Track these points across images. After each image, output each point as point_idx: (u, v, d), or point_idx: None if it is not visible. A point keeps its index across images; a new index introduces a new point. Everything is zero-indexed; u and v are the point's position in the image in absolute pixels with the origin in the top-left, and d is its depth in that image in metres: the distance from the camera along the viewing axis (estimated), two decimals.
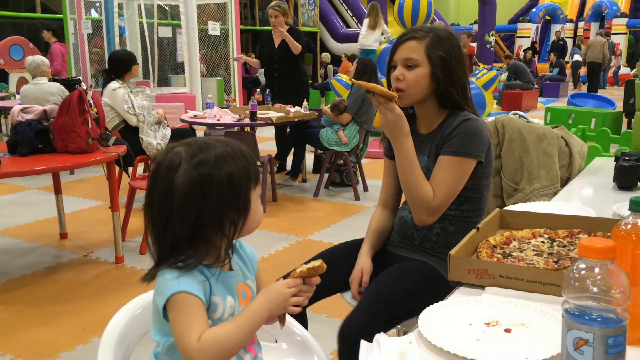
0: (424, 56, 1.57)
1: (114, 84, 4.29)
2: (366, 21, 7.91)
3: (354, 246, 1.76)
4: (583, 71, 15.80)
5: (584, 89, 14.95)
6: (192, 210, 0.99)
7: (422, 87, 1.58)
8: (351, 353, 1.37)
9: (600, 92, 12.68)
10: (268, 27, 6.19)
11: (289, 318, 1.35)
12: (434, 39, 1.58)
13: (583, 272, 0.77)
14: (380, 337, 0.97)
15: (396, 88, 1.59)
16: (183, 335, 0.96)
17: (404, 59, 1.59)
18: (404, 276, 1.58)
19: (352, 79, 4.54)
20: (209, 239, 1.02)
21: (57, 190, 3.79)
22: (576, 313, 0.77)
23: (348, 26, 16.46)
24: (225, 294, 1.05)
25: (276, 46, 5.49)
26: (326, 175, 5.18)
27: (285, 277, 1.21)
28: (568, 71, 15.55)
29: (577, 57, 15.73)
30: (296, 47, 5.35)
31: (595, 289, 0.76)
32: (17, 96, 6.43)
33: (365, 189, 5.14)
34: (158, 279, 1.01)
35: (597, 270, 0.77)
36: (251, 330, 1.03)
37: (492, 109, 8.10)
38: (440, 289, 1.50)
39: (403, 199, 1.77)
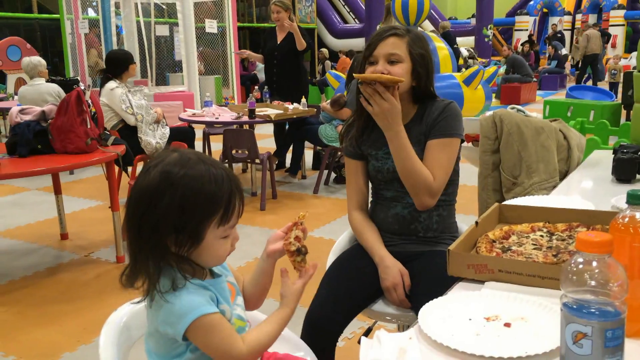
0: (406, 52, 1.62)
1: (111, 84, 4.28)
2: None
3: (355, 258, 1.71)
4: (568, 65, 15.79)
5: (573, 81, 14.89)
6: (136, 213, 0.99)
7: (405, 82, 1.62)
8: None
9: (602, 83, 12.70)
10: (265, 24, 6.18)
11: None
12: (414, 37, 1.65)
13: (581, 266, 0.78)
14: (380, 333, 0.97)
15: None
16: (228, 349, 1.01)
17: (387, 54, 1.61)
18: (442, 270, 1.53)
19: (354, 74, 4.55)
20: (174, 258, 1.01)
21: (57, 190, 3.80)
22: (574, 307, 0.77)
23: (345, 22, 16.44)
24: (227, 298, 1.09)
25: (278, 42, 5.48)
26: (325, 172, 5.18)
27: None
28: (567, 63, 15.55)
29: (564, 52, 15.73)
30: (302, 43, 5.34)
31: (593, 283, 0.76)
32: (16, 97, 6.43)
33: None
34: (164, 309, 0.99)
35: (594, 263, 0.77)
36: (282, 330, 1.11)
37: (476, 104, 7.91)
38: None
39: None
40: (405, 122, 1.67)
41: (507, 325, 1.03)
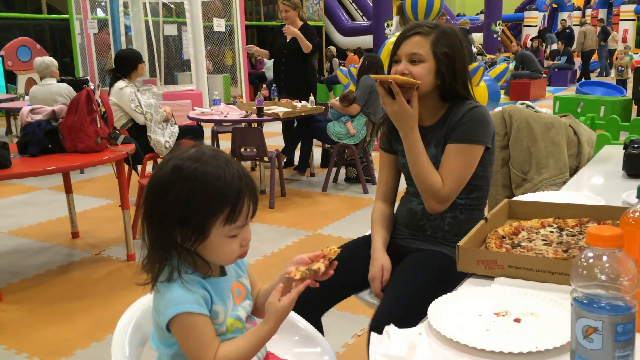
0: (430, 52, 1.58)
1: (120, 83, 4.31)
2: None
3: (362, 245, 1.75)
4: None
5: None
6: (148, 203, 1.02)
7: (427, 82, 1.58)
8: None
9: (606, 79, 12.61)
10: (273, 22, 6.19)
11: (294, 315, 1.38)
12: (439, 35, 1.59)
13: (591, 261, 0.77)
14: (390, 328, 0.98)
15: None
16: (199, 357, 1.00)
17: (410, 54, 1.59)
18: (427, 267, 1.58)
19: (371, 75, 4.54)
20: (179, 250, 1.02)
21: (68, 189, 3.83)
22: (585, 301, 0.77)
23: (353, 19, 16.41)
24: (224, 299, 1.08)
25: (287, 40, 5.47)
26: (334, 170, 5.18)
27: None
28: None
29: (554, 47, 15.65)
30: (307, 45, 5.32)
31: (603, 277, 0.76)
32: (26, 97, 6.48)
33: (374, 182, 5.14)
34: (157, 297, 1.03)
35: (605, 258, 0.77)
36: (261, 347, 1.08)
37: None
38: (458, 278, 1.51)
39: (401, 191, 1.78)
40: (432, 122, 1.65)
41: (517, 320, 1.03)
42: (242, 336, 1.07)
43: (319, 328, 1.64)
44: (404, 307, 1.45)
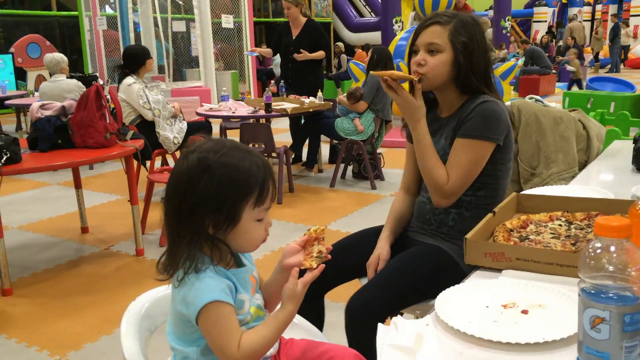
0: (447, 41, 1.55)
1: (129, 80, 4.32)
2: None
3: (374, 233, 1.77)
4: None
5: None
6: (175, 196, 1.03)
7: (443, 72, 1.56)
8: (356, 329, 1.41)
9: (618, 75, 12.52)
10: (282, 19, 6.19)
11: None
12: (458, 25, 1.56)
13: (599, 251, 0.77)
14: (397, 319, 0.98)
15: (417, 73, 1.58)
16: (223, 346, 1.02)
17: (427, 44, 1.57)
18: (416, 259, 1.59)
19: (371, 70, 4.54)
20: (210, 241, 1.04)
21: (77, 185, 3.85)
22: (592, 292, 0.77)
23: (361, 15, 16.37)
24: (247, 289, 1.10)
25: (294, 37, 5.47)
26: (342, 166, 5.18)
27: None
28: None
29: (560, 43, 15.62)
30: (320, 55, 5.40)
31: (611, 268, 0.76)
32: (36, 94, 6.52)
33: (382, 178, 5.14)
34: (184, 289, 1.03)
35: (612, 248, 0.76)
36: (282, 332, 1.09)
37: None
38: (452, 275, 1.52)
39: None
40: (449, 114, 1.64)
41: (525, 312, 1.03)
42: (263, 323, 1.08)
43: (322, 308, 1.75)
44: (378, 293, 1.49)
